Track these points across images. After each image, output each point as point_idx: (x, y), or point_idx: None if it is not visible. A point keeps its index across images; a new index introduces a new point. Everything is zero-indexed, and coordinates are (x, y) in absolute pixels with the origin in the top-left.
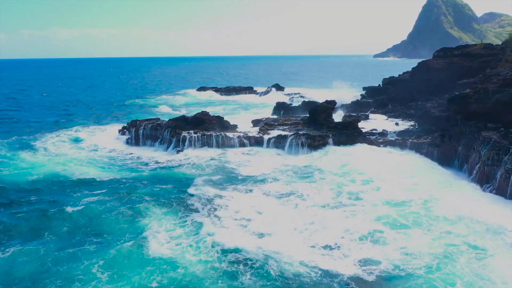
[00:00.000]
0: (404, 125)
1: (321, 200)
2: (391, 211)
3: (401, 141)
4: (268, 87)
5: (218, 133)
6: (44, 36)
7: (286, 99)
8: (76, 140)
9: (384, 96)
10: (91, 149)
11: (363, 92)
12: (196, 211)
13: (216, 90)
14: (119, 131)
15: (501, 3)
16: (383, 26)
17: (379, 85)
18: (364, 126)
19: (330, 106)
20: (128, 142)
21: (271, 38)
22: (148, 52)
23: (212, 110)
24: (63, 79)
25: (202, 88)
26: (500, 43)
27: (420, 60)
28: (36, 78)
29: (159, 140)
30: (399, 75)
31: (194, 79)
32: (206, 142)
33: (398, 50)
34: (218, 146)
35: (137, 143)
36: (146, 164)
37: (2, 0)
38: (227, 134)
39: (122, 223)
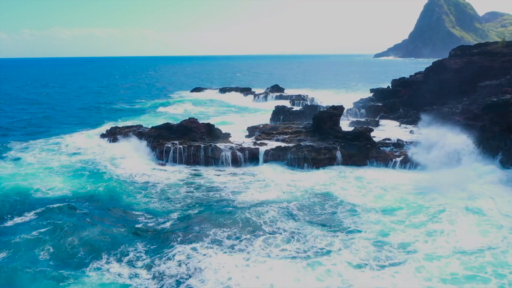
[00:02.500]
0: (420, 132)
1: (353, 257)
2: (459, 266)
3: None
4: (267, 88)
5: (207, 144)
6: (45, 35)
7: (286, 102)
8: (59, 146)
9: (395, 99)
10: (70, 156)
11: (371, 95)
12: (157, 273)
13: (212, 90)
14: (101, 136)
15: (503, 2)
16: (383, 25)
17: (388, 86)
18: (375, 134)
19: (337, 112)
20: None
21: (272, 38)
22: (150, 51)
23: (204, 111)
24: (62, 79)
25: (197, 89)
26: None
27: (422, 59)
28: (36, 77)
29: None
30: (411, 76)
31: (192, 79)
32: (193, 154)
33: (399, 49)
34: (206, 159)
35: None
36: (109, 180)
37: None
38: (218, 145)
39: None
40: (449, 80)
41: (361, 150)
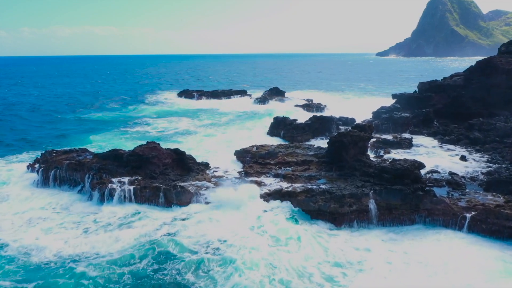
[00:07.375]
0: (474, 157)
1: None
2: None
3: (508, 209)
4: (265, 91)
5: (170, 185)
6: (45, 33)
7: (287, 108)
8: None
9: (428, 109)
10: None
11: (393, 101)
12: None
13: (201, 94)
14: (28, 167)
15: (507, 0)
16: (385, 24)
17: (415, 91)
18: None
19: (365, 135)
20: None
21: (273, 37)
22: (150, 50)
23: (187, 122)
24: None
25: (184, 92)
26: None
27: (425, 58)
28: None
29: (80, 187)
30: (445, 78)
31: (182, 79)
32: (148, 199)
33: (402, 48)
34: (169, 209)
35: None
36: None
37: None
38: (188, 184)
39: None
40: (500, 84)
41: (408, 198)
